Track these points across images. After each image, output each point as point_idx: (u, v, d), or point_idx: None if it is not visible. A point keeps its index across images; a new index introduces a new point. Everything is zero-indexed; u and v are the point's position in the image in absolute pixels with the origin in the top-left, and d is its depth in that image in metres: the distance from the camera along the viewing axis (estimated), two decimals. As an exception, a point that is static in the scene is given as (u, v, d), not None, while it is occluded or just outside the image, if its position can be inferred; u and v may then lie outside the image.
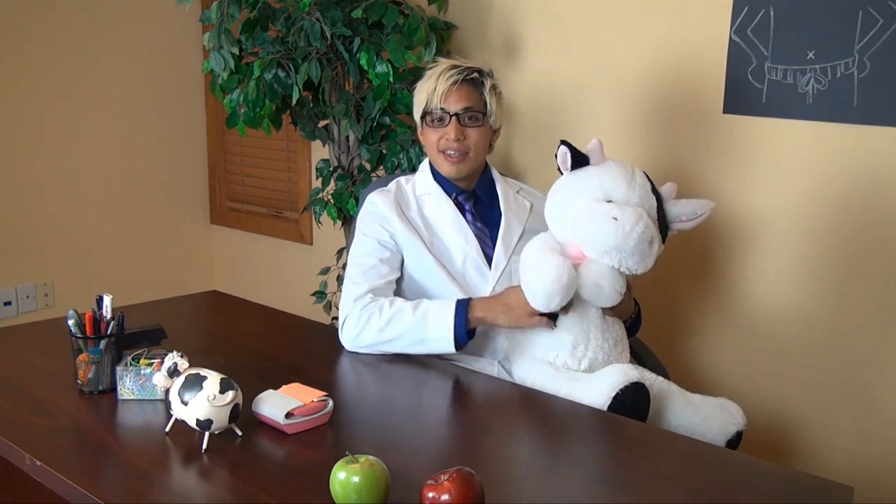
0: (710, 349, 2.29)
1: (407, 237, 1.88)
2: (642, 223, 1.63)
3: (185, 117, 3.60)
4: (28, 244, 3.21)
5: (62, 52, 3.18)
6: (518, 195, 2.01)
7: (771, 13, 2.04)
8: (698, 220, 1.75)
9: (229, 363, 1.66)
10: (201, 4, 3.40)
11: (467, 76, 1.91)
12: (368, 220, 1.93)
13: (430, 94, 1.90)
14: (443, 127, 1.90)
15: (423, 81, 1.93)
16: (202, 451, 1.32)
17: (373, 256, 1.87)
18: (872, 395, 2.04)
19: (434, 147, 1.92)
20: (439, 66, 1.94)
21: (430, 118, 1.91)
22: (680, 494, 1.27)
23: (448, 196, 1.95)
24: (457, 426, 1.55)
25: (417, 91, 1.94)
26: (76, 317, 1.53)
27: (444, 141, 1.90)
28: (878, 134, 1.94)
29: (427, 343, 1.75)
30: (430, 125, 1.92)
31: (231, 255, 3.72)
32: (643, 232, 1.63)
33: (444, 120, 1.89)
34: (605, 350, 1.71)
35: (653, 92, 2.27)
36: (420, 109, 1.93)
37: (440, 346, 1.75)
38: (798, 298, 2.12)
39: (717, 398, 1.69)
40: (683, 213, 1.75)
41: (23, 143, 3.14)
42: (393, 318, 1.76)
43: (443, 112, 1.89)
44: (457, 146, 1.89)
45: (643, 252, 1.65)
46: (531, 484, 1.28)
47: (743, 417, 1.66)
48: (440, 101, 1.89)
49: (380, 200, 1.93)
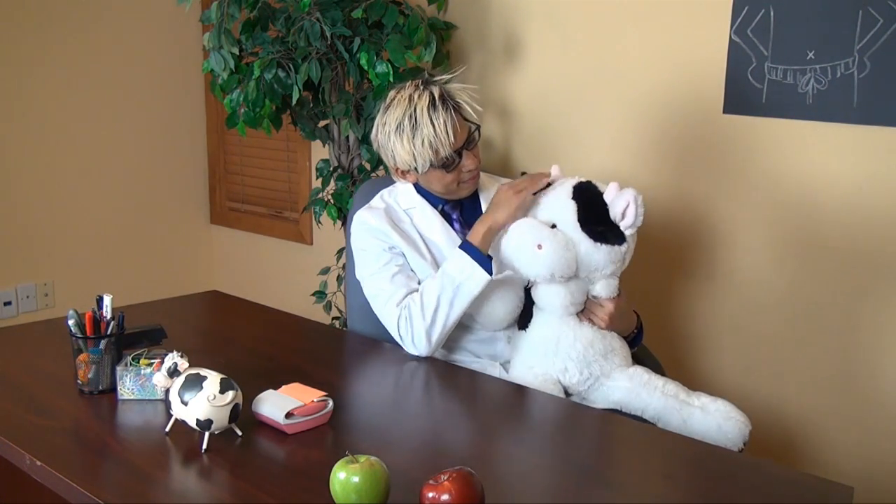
0: (710, 349, 2.29)
1: (405, 247, 1.86)
2: (514, 233, 1.70)
3: (185, 117, 3.60)
4: (28, 244, 3.21)
5: (62, 52, 3.18)
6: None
7: (771, 13, 2.04)
8: (632, 208, 1.66)
9: (229, 363, 1.65)
10: (201, 4, 3.40)
11: (453, 109, 1.81)
12: (365, 236, 1.89)
13: (438, 147, 1.77)
14: (457, 165, 1.83)
15: (412, 137, 1.78)
16: (202, 451, 1.32)
17: (390, 265, 1.84)
18: (873, 395, 2.04)
19: (452, 184, 1.85)
20: (417, 109, 1.78)
21: (447, 163, 1.81)
22: (680, 494, 1.27)
23: (434, 208, 1.92)
24: (457, 426, 1.55)
25: (410, 148, 1.79)
26: (76, 317, 1.53)
27: (466, 173, 1.85)
28: (878, 134, 1.94)
29: (462, 288, 1.74)
30: (447, 170, 1.83)
31: (231, 255, 3.72)
32: (517, 240, 1.69)
33: (457, 160, 1.83)
34: (599, 364, 1.73)
35: (653, 92, 2.27)
36: (427, 164, 1.80)
37: (474, 282, 1.73)
38: (798, 299, 2.12)
39: (720, 406, 1.67)
40: (615, 205, 1.68)
41: (23, 143, 3.14)
42: (423, 295, 1.77)
43: (456, 154, 1.81)
44: (475, 171, 1.86)
45: (529, 257, 1.67)
46: (531, 484, 1.28)
47: (748, 425, 1.65)
48: (451, 145, 1.80)
49: (370, 216, 1.89)
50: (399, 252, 1.87)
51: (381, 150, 1.87)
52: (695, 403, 1.67)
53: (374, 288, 1.86)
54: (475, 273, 1.73)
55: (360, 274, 1.90)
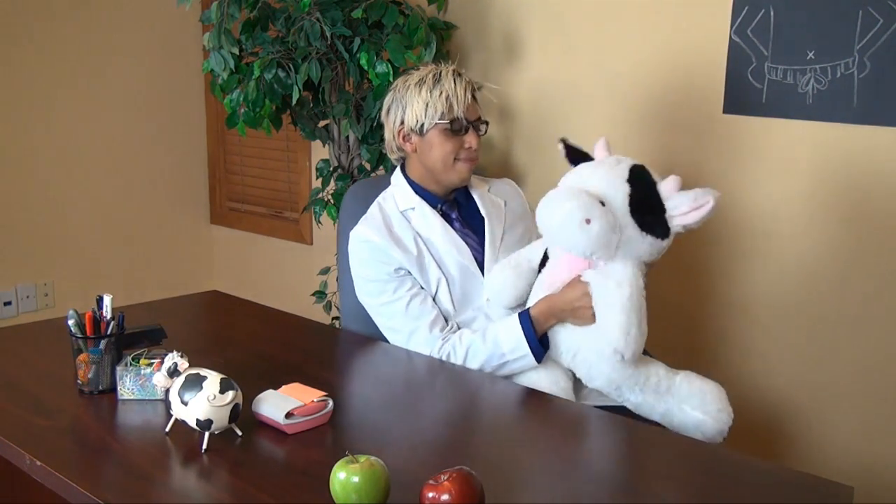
0: (711, 349, 2.29)
1: (410, 264, 1.85)
2: (564, 198, 1.62)
3: (185, 117, 3.60)
4: (28, 244, 3.21)
5: (62, 52, 3.18)
6: (489, 194, 2.01)
7: (771, 13, 2.04)
8: (701, 212, 1.61)
9: (229, 363, 1.65)
10: (201, 4, 3.40)
11: (475, 90, 1.90)
12: (367, 261, 1.86)
13: (453, 103, 1.84)
14: (461, 136, 1.87)
15: (432, 88, 1.85)
16: (202, 451, 1.32)
17: (401, 292, 1.83)
18: (873, 394, 2.04)
19: (450, 155, 1.87)
20: (441, 71, 1.87)
21: (455, 125, 1.86)
22: (680, 494, 1.27)
23: (433, 208, 1.92)
24: (457, 426, 1.55)
25: (426, 97, 1.85)
26: (76, 317, 1.53)
27: (465, 150, 1.87)
28: (878, 134, 1.94)
29: (509, 364, 1.75)
30: (451, 134, 1.86)
31: (231, 255, 3.72)
32: (567, 206, 1.60)
33: (464, 130, 1.87)
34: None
35: (653, 92, 2.27)
36: (437, 117, 1.85)
37: (522, 363, 1.74)
38: (798, 298, 2.12)
39: (697, 403, 1.66)
40: (682, 203, 1.62)
41: (23, 143, 3.14)
42: (468, 353, 1.77)
43: (466, 122, 1.87)
44: (473, 154, 1.89)
45: (575, 229, 1.59)
46: (531, 484, 1.28)
47: (728, 420, 1.65)
48: (464, 110, 1.86)
49: (370, 233, 1.86)
50: (405, 272, 1.85)
51: (394, 105, 1.89)
52: (671, 400, 1.67)
53: (388, 320, 1.85)
54: (526, 359, 1.74)
55: (367, 302, 1.88)
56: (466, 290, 1.88)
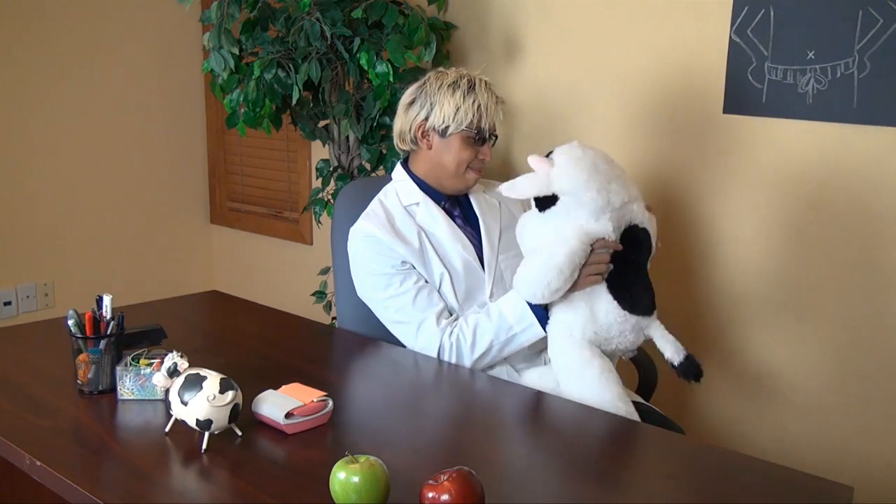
0: (706, 350, 2.28)
1: (410, 254, 1.85)
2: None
3: (185, 117, 3.60)
4: (28, 244, 3.21)
5: (62, 52, 3.18)
6: (484, 195, 2.02)
7: (771, 13, 2.04)
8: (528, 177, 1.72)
9: (229, 363, 1.65)
10: (201, 4, 3.40)
11: (501, 104, 1.92)
12: (371, 255, 1.86)
13: (483, 114, 1.86)
14: (478, 146, 1.89)
15: (465, 94, 1.85)
16: (202, 451, 1.32)
17: (407, 285, 1.83)
18: (873, 394, 2.04)
19: (465, 163, 1.88)
20: (475, 79, 1.88)
21: (479, 136, 1.87)
22: (680, 494, 1.27)
23: (437, 204, 1.93)
24: (457, 426, 1.55)
25: (459, 101, 1.84)
26: (76, 317, 1.53)
27: (478, 160, 1.90)
28: (878, 134, 1.94)
29: (517, 338, 1.77)
30: (472, 143, 1.87)
31: (231, 255, 3.72)
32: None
33: (484, 141, 1.89)
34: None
35: (652, 92, 2.27)
36: (465, 124, 1.85)
37: (528, 336, 1.76)
38: (798, 298, 2.12)
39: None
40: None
41: (23, 144, 3.14)
42: (475, 334, 1.78)
43: (489, 133, 1.89)
44: (483, 164, 1.91)
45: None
46: (531, 484, 1.28)
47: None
48: (489, 123, 1.88)
49: (373, 227, 1.86)
50: (409, 266, 1.85)
51: (421, 98, 1.88)
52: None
53: (395, 313, 1.84)
54: (532, 328, 1.76)
55: (372, 296, 1.87)
56: (470, 286, 1.88)
